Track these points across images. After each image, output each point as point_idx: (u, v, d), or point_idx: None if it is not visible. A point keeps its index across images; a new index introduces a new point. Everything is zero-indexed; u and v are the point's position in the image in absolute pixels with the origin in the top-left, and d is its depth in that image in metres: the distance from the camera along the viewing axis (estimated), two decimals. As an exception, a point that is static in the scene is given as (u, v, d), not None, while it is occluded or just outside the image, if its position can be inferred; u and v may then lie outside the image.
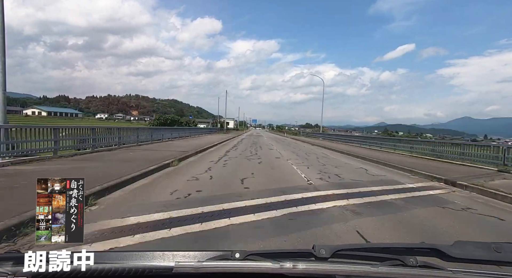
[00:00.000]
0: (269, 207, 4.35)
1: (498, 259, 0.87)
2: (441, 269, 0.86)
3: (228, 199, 4.69)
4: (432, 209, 4.81)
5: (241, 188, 5.68)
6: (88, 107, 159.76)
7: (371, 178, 7.77)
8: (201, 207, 4.18)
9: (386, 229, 3.67)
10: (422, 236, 3.46)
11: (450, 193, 6.19)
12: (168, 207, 4.16)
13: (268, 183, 6.30)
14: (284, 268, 0.82)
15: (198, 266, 0.82)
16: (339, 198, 5.14)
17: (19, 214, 3.15)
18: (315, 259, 0.86)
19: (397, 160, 11.40)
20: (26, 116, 79.28)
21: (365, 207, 4.66)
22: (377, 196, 5.43)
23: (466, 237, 3.51)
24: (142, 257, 0.85)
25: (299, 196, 5.14)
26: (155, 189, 5.43)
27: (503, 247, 0.89)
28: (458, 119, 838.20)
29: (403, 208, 4.70)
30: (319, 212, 4.27)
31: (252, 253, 0.86)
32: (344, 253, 0.89)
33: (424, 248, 0.94)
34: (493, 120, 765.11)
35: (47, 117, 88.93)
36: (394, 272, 0.83)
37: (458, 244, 0.92)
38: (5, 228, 2.87)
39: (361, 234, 3.40)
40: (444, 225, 3.95)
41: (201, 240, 3.07)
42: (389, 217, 4.15)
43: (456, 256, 0.87)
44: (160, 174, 7.04)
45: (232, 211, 4.06)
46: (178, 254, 0.87)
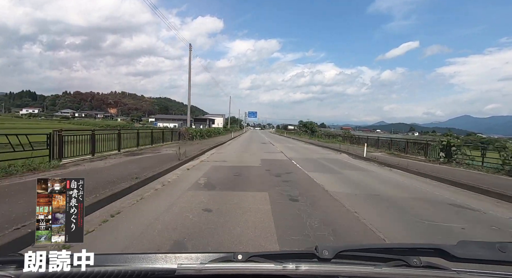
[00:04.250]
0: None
1: (503, 259, 0.86)
2: (445, 269, 0.85)
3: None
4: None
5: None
6: (54, 104, 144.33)
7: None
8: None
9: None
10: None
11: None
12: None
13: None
14: (287, 270, 0.81)
15: (200, 268, 0.81)
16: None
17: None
18: (318, 260, 0.86)
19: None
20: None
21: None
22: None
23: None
24: (144, 260, 0.84)
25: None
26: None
27: (508, 246, 0.88)
28: (458, 117, 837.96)
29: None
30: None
31: (254, 255, 0.85)
32: (347, 253, 0.88)
33: (427, 248, 0.93)
34: (493, 118, 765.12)
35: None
36: (398, 272, 0.83)
37: (461, 244, 0.91)
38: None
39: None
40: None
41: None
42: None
43: (460, 256, 0.86)
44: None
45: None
46: (181, 256, 0.86)
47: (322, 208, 4.66)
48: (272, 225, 3.70)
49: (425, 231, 3.82)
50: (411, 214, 4.55)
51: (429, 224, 4.10)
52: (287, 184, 6.66)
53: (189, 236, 3.24)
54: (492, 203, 5.82)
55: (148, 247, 2.92)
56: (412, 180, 8.28)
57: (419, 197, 5.99)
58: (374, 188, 6.77)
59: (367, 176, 8.54)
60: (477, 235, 3.80)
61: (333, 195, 5.68)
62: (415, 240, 3.39)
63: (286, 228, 3.61)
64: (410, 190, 6.69)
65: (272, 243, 3.11)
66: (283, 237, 3.28)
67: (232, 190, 5.79)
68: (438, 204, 5.44)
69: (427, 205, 5.24)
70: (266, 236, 3.34)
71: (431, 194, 6.32)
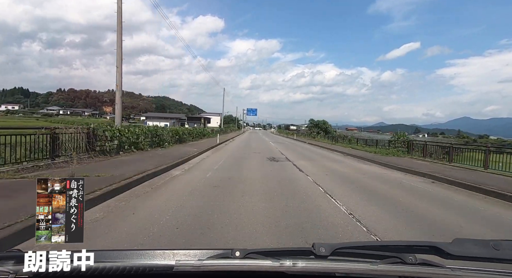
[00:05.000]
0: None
1: (497, 257, 0.87)
2: (440, 267, 0.86)
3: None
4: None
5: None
6: (47, 102, 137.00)
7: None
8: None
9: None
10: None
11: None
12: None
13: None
14: (284, 266, 0.82)
15: (198, 265, 0.82)
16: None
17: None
18: (315, 257, 0.86)
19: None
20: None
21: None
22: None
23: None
24: (143, 256, 0.85)
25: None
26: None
27: (502, 244, 0.89)
28: (457, 119, 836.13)
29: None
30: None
31: (252, 252, 0.86)
32: (344, 251, 0.89)
33: (423, 245, 0.95)
34: (492, 120, 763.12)
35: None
36: (393, 269, 0.84)
37: (457, 241, 0.92)
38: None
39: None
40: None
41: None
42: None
43: (455, 254, 0.87)
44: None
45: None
46: (179, 253, 0.87)
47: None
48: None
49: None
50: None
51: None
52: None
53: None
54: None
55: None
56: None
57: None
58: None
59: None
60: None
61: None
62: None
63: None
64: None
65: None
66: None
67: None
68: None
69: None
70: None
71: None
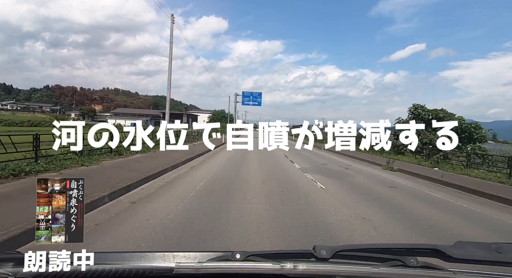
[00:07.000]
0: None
1: (499, 260, 0.87)
2: (442, 270, 0.85)
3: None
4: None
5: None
6: (29, 99, 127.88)
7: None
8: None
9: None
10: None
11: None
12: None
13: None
14: (285, 269, 0.82)
15: (198, 267, 0.82)
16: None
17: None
18: (316, 260, 0.86)
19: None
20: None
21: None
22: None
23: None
24: (143, 258, 0.85)
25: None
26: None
27: (504, 247, 0.89)
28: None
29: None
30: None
31: (252, 254, 0.86)
32: (345, 253, 0.88)
33: (424, 248, 0.94)
34: (496, 123, 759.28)
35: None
36: (395, 272, 0.83)
37: (458, 244, 0.92)
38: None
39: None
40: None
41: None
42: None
43: (456, 257, 0.87)
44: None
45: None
46: (179, 255, 0.87)
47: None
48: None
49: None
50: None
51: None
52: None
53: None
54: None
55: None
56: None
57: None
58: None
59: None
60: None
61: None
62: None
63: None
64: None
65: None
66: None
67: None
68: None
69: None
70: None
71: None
